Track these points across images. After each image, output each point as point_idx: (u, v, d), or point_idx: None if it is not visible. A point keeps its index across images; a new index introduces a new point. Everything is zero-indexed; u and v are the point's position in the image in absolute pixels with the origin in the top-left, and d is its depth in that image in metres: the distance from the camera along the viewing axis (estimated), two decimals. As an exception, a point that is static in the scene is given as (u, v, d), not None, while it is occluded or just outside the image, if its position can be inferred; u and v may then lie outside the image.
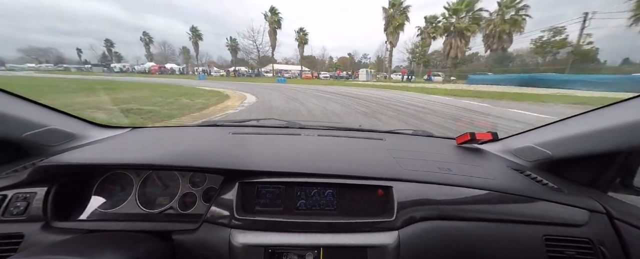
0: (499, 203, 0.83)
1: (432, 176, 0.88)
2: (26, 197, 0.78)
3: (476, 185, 0.86)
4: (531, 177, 0.95)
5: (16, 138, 0.86)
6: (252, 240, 0.73)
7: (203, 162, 0.82)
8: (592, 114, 0.86)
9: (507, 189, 0.86)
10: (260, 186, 0.81)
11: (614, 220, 0.81)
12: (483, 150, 1.23)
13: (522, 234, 0.79)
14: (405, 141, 1.31)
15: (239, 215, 0.76)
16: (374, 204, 0.82)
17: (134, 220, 0.83)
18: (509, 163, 1.08)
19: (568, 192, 0.88)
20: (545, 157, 0.99)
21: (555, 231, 0.80)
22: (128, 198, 0.88)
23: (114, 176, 0.91)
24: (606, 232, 0.80)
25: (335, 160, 0.93)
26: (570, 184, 0.95)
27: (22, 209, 0.76)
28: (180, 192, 0.91)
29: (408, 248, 0.75)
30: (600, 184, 0.93)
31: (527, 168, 1.04)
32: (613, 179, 0.91)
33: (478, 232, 0.79)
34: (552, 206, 0.83)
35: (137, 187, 0.90)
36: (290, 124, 1.42)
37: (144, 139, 1.11)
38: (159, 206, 0.89)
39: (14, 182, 0.79)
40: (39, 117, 0.92)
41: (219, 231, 0.75)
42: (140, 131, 1.26)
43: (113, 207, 0.87)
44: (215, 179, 0.92)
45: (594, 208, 0.83)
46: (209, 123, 1.44)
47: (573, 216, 0.82)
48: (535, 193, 0.85)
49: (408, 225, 0.78)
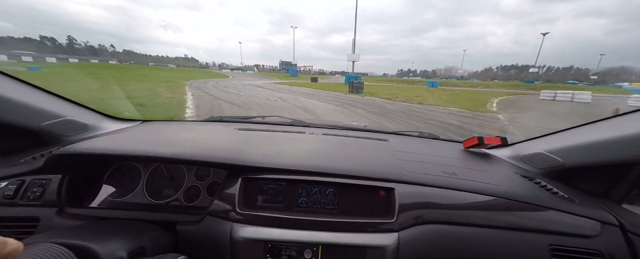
0: (505, 210, 0.81)
1: (436, 179, 0.87)
2: (43, 183, 0.82)
3: (482, 191, 0.84)
4: (541, 185, 0.92)
5: (35, 127, 0.91)
6: (252, 234, 0.74)
7: (208, 157, 0.84)
8: (606, 122, 0.83)
9: (514, 196, 0.83)
10: (262, 182, 0.83)
11: (627, 233, 0.77)
12: (491, 155, 1.20)
13: (526, 243, 0.77)
14: (410, 142, 1.29)
15: (241, 209, 0.77)
16: (375, 204, 0.82)
17: (141, 209, 0.86)
18: (517, 169, 1.05)
19: (579, 202, 0.84)
20: (557, 165, 0.95)
21: (562, 241, 0.77)
22: (136, 188, 0.92)
23: (124, 167, 0.95)
24: (618, 245, 0.76)
25: (338, 159, 0.93)
26: (581, 194, 0.91)
27: (38, 195, 0.80)
28: (186, 185, 0.94)
29: (407, 250, 0.75)
30: (614, 195, 0.89)
31: (537, 175, 1.01)
32: (628, 191, 0.86)
33: (480, 238, 0.77)
34: (561, 216, 0.80)
35: (145, 179, 0.93)
36: (295, 122, 1.43)
37: (154, 133, 1.14)
38: (165, 197, 0.92)
39: (31, 169, 0.84)
40: (56, 107, 0.96)
41: (221, 224, 0.77)
42: (150, 125, 1.30)
43: (122, 196, 0.91)
44: (220, 174, 0.94)
45: (607, 219, 0.79)
46: (216, 119, 1.47)
47: (583, 226, 0.79)
48: (544, 202, 0.83)
49: (409, 227, 0.77)
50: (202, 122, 1.37)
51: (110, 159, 0.94)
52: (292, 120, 1.44)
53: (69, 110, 1.00)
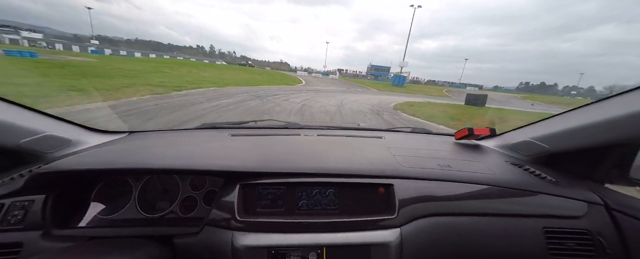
0: (499, 197, 0.84)
1: (432, 172, 0.89)
2: (24, 205, 0.76)
3: (476, 180, 0.87)
4: (529, 171, 0.96)
5: (13, 145, 0.85)
6: (254, 242, 0.73)
7: (203, 165, 0.82)
8: (588, 107, 0.87)
9: (506, 183, 0.87)
10: (261, 188, 0.81)
11: (611, 211, 0.82)
12: (481, 146, 1.24)
13: (522, 228, 0.80)
14: (404, 138, 1.32)
15: (241, 217, 0.75)
16: (375, 202, 0.82)
17: (134, 225, 0.82)
18: (507, 158, 1.09)
19: (566, 184, 0.89)
20: (543, 151, 1.00)
21: (554, 223, 0.81)
22: (128, 204, 0.88)
23: (113, 182, 0.90)
24: (604, 223, 0.81)
25: (336, 159, 0.93)
26: (568, 177, 0.96)
27: (20, 218, 0.75)
28: (181, 196, 0.91)
29: (410, 244, 0.76)
30: (597, 176, 0.94)
31: (525, 162, 1.05)
32: (609, 171, 0.92)
33: (479, 226, 0.80)
34: (551, 199, 0.84)
35: (136, 193, 0.89)
36: (290, 124, 1.42)
37: (143, 143, 1.10)
38: (160, 210, 0.88)
39: (11, 191, 0.78)
40: (34, 123, 0.91)
41: (221, 233, 0.75)
42: (138, 135, 1.25)
43: (113, 213, 0.86)
44: (216, 182, 0.91)
45: (592, 199, 0.84)
46: (208, 126, 1.43)
47: (572, 208, 0.83)
48: (534, 187, 0.86)
49: (410, 222, 0.78)
50: (194, 130, 1.33)
51: (98, 175, 0.89)
52: (286, 123, 1.43)
53: (48, 125, 0.95)
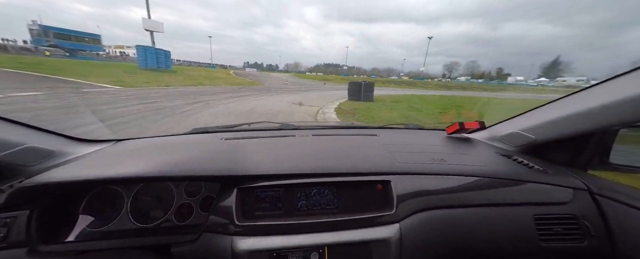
0: (491, 187, 0.87)
1: (427, 167, 0.91)
2: (7, 222, 0.72)
3: (469, 173, 0.89)
4: (518, 162, 1.00)
5: None
6: (255, 245, 0.72)
7: (198, 170, 0.80)
8: (569, 98, 0.92)
9: (497, 174, 0.90)
10: (259, 191, 0.80)
11: (594, 195, 0.87)
12: (472, 139, 1.28)
13: (514, 216, 0.84)
14: (398, 134, 1.34)
15: (240, 221, 0.74)
16: (374, 199, 0.83)
17: (128, 236, 0.79)
18: (497, 149, 1.13)
19: (553, 173, 0.93)
20: (530, 141, 1.04)
21: (543, 210, 0.85)
22: (119, 214, 0.84)
23: (102, 193, 0.87)
24: (588, 207, 0.85)
25: (333, 159, 0.93)
26: (553, 165, 1.00)
27: (3, 236, 0.70)
28: (176, 204, 0.88)
29: (410, 238, 0.77)
30: (580, 163, 0.99)
31: (514, 153, 1.09)
32: (591, 158, 0.97)
33: (474, 217, 0.82)
34: (539, 187, 0.88)
35: (128, 202, 0.86)
36: (284, 125, 1.40)
37: (131, 151, 1.06)
38: (154, 219, 0.86)
39: None
40: (13, 135, 0.85)
41: (220, 239, 0.73)
42: (126, 143, 1.20)
43: (104, 225, 0.83)
44: (212, 187, 0.89)
45: (576, 185, 0.88)
46: (199, 130, 1.39)
47: (558, 195, 0.87)
48: (523, 176, 0.90)
49: (408, 217, 0.80)
50: (185, 135, 1.30)
51: (85, 186, 0.85)
52: (280, 124, 1.42)
53: (29, 136, 0.89)
